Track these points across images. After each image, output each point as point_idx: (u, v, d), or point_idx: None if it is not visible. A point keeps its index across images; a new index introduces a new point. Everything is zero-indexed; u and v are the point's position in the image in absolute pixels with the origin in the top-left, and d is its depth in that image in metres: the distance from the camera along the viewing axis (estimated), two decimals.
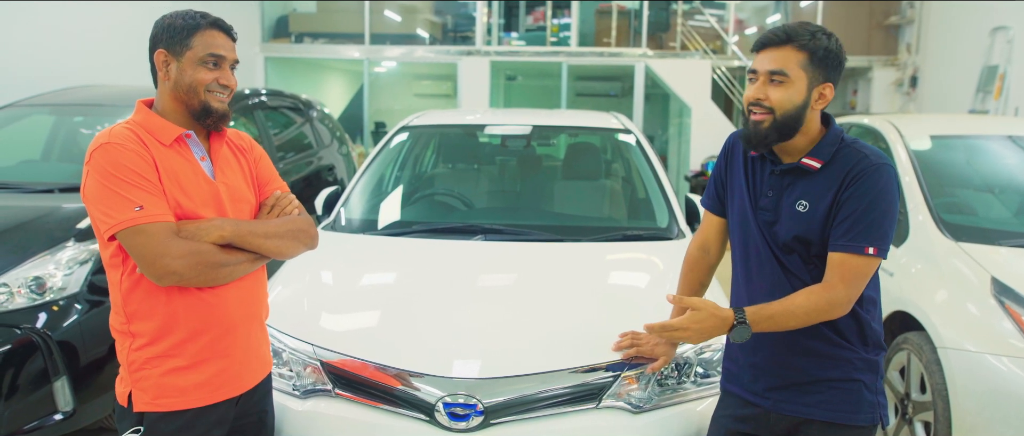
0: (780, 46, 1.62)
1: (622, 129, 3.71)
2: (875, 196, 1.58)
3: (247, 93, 5.02)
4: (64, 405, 2.76)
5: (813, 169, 1.65)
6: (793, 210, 1.67)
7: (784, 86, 1.61)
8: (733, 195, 1.81)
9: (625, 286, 2.60)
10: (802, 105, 1.62)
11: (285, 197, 1.81)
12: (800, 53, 1.60)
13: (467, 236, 2.84)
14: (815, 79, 1.62)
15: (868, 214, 1.58)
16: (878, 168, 1.60)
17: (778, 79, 1.61)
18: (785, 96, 1.61)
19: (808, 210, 1.65)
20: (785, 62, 1.61)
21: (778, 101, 1.61)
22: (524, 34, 11.48)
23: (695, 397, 2.09)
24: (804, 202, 1.65)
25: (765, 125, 1.63)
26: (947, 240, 3.10)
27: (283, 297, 2.42)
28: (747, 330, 1.63)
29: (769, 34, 1.65)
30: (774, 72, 1.61)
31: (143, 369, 1.62)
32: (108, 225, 1.51)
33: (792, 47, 1.60)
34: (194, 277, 1.56)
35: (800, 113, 1.62)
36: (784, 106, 1.61)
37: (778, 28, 1.64)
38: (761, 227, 1.72)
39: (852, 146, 1.65)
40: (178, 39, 1.62)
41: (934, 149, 3.74)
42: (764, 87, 1.63)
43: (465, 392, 1.94)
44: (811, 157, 1.66)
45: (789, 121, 1.62)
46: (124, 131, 1.59)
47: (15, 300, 2.74)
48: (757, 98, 1.63)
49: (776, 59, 1.61)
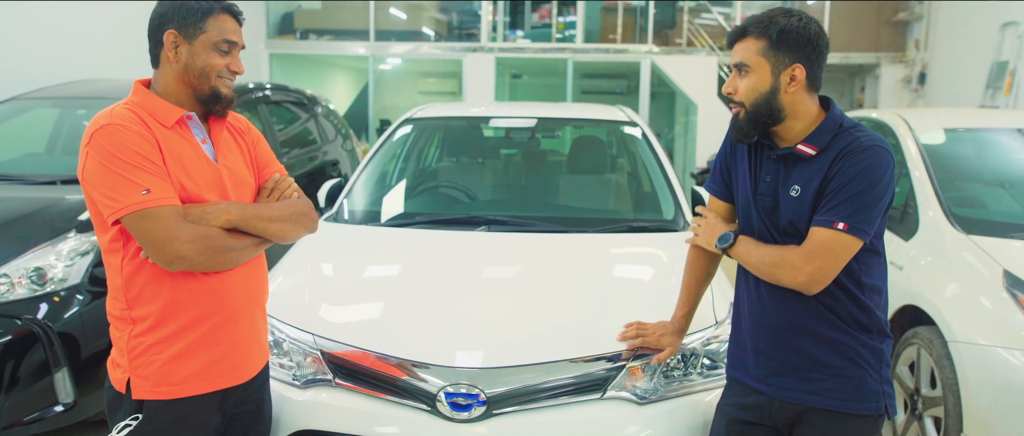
0: (740, 39, 1.66)
1: (628, 121, 3.67)
2: (857, 173, 1.57)
3: (251, 87, 5.00)
4: (65, 397, 2.74)
5: (808, 155, 1.64)
6: (788, 195, 1.66)
7: (747, 76, 1.65)
8: (737, 179, 1.81)
9: (630, 277, 2.57)
10: (770, 92, 1.63)
11: (284, 180, 1.79)
12: (757, 41, 1.63)
13: (470, 227, 2.81)
14: (779, 63, 1.62)
15: (845, 190, 1.57)
16: (867, 148, 1.59)
17: (743, 70, 1.65)
18: (748, 86, 1.65)
19: (799, 195, 1.64)
20: (744, 53, 1.64)
21: (744, 92, 1.65)
22: (529, 31, 11.45)
23: (702, 388, 2.06)
24: (797, 187, 1.65)
25: (740, 116, 1.67)
26: (958, 233, 3.05)
27: (285, 287, 2.40)
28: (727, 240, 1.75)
29: (731, 30, 1.71)
30: (738, 65, 1.66)
31: (144, 356, 1.59)
32: (113, 209, 1.48)
33: (749, 37, 1.64)
34: (203, 262, 1.54)
35: (769, 99, 1.63)
36: (750, 96, 1.65)
37: (740, 23, 1.69)
38: (761, 212, 1.72)
39: (850, 130, 1.63)
40: (192, 21, 1.58)
41: (943, 143, 3.70)
42: (734, 80, 1.67)
43: (467, 382, 1.91)
44: (806, 143, 1.65)
45: (761, 109, 1.64)
46: (125, 112, 1.55)
47: (16, 291, 2.73)
48: (728, 92, 1.68)
49: (737, 51, 1.66)
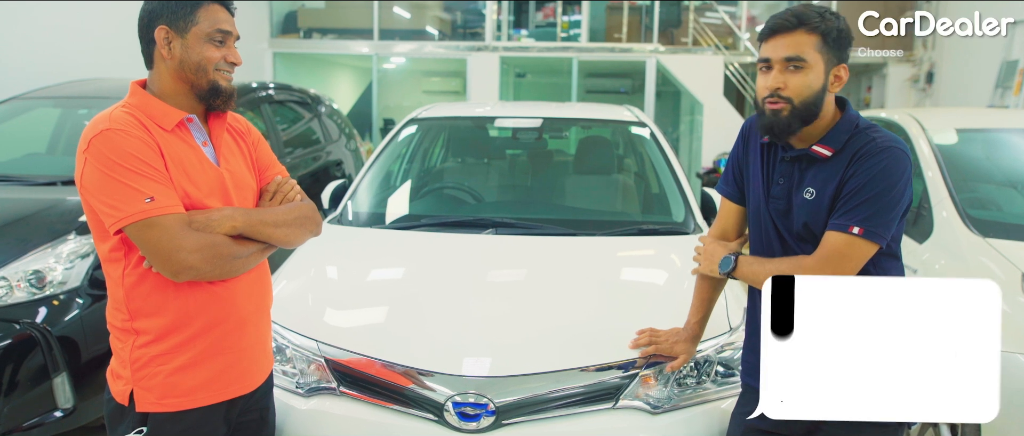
0: (792, 31, 1.55)
1: (636, 121, 3.62)
2: (873, 176, 1.52)
3: (255, 86, 4.96)
4: (64, 402, 2.70)
5: (824, 157, 1.59)
6: (802, 198, 1.61)
7: (803, 72, 1.55)
8: (749, 181, 1.76)
9: (642, 282, 2.52)
10: (821, 90, 1.57)
11: (287, 183, 1.74)
12: (813, 35, 1.55)
13: (477, 230, 2.76)
14: (830, 61, 1.57)
15: (861, 193, 1.53)
16: (883, 150, 1.54)
17: (796, 65, 1.55)
18: (804, 83, 1.55)
19: (814, 198, 1.59)
20: (800, 47, 1.54)
21: (797, 89, 1.55)
22: (534, 30, 11.39)
23: (716, 397, 2.01)
24: (811, 189, 1.60)
25: (784, 113, 1.57)
26: (974, 236, 3.00)
27: (288, 292, 2.35)
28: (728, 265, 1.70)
29: (778, 20, 1.57)
30: (791, 59, 1.55)
31: (148, 368, 1.53)
32: (115, 218, 1.42)
33: (804, 30, 1.54)
34: (210, 271, 1.49)
35: (819, 99, 1.57)
36: (803, 94, 1.55)
37: (784, 12, 1.57)
38: (773, 216, 1.67)
39: (866, 131, 1.59)
40: (182, 14, 1.52)
41: (955, 143, 3.64)
42: (781, 75, 1.56)
43: (475, 391, 1.86)
44: (822, 144, 1.60)
45: (809, 108, 1.56)
46: (124, 116, 1.49)
47: (14, 294, 2.69)
48: (776, 87, 1.56)
49: (790, 45, 1.55)
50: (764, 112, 1.60)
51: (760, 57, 1.61)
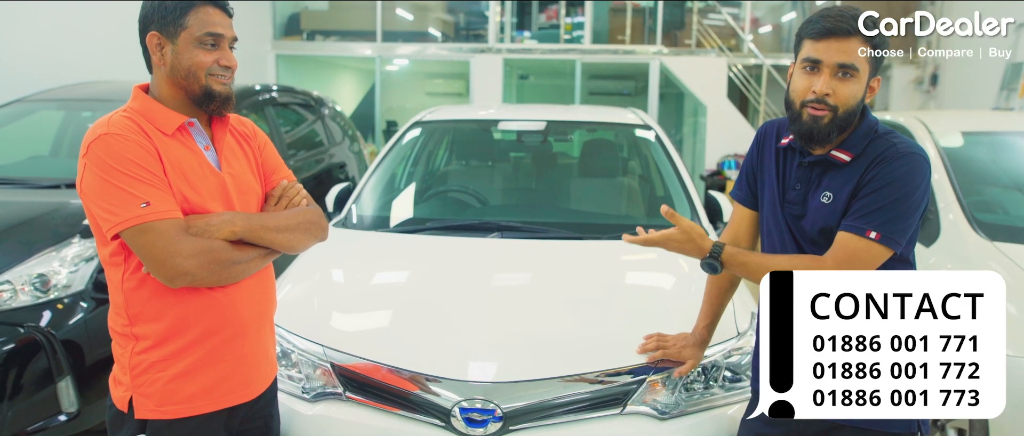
0: (849, 36, 1.48)
1: (642, 124, 3.61)
2: (891, 181, 1.50)
3: (258, 89, 4.95)
4: (68, 406, 2.69)
5: (842, 162, 1.57)
6: (818, 202, 1.59)
7: (853, 81, 1.50)
8: (763, 186, 1.73)
9: (649, 286, 2.51)
10: (862, 100, 1.53)
11: (293, 187, 1.71)
12: (866, 45, 1.49)
13: (482, 233, 2.75)
14: (872, 72, 1.53)
15: (879, 198, 1.50)
16: (903, 155, 1.51)
17: (848, 73, 1.49)
18: (851, 92, 1.51)
19: (831, 202, 1.57)
20: (854, 54, 1.48)
21: (844, 97, 1.50)
22: (537, 32, 11.40)
23: (723, 402, 2.00)
24: (829, 193, 1.58)
25: (826, 121, 1.51)
26: (981, 239, 2.98)
27: (293, 296, 2.34)
28: (716, 267, 1.62)
29: (834, 20, 1.49)
30: (844, 66, 1.49)
31: (147, 374, 1.52)
32: (112, 223, 1.41)
33: (860, 38, 1.48)
34: (206, 277, 1.47)
35: (859, 109, 1.54)
36: (849, 103, 1.51)
37: (841, 14, 1.49)
38: (788, 221, 1.65)
39: (885, 136, 1.56)
40: (171, 19, 1.49)
41: (961, 146, 3.63)
42: (831, 81, 1.50)
43: (482, 396, 1.85)
44: (841, 150, 1.57)
45: (850, 118, 1.53)
46: (123, 120, 1.48)
47: (18, 298, 2.68)
48: (825, 93, 1.50)
49: (845, 51, 1.48)
50: (801, 116, 1.54)
51: (807, 56, 1.52)
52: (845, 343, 1.42)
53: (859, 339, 1.42)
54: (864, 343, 1.42)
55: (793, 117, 1.57)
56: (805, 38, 1.54)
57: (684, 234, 1.63)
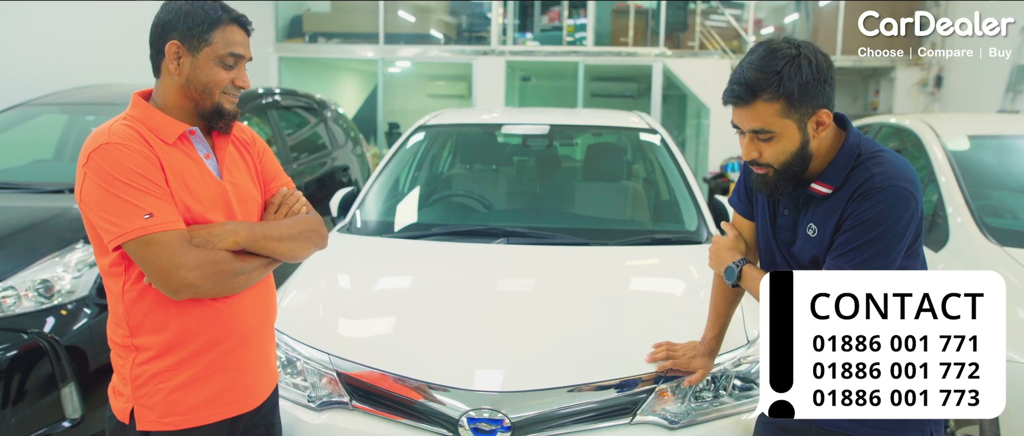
0: (750, 103, 1.45)
1: (647, 128, 3.59)
2: (870, 217, 1.45)
3: (260, 92, 4.94)
4: (72, 412, 2.67)
5: (822, 195, 1.53)
6: (805, 234, 1.57)
7: (773, 142, 1.47)
8: (756, 205, 1.72)
9: (657, 293, 2.49)
10: (801, 146, 1.48)
11: (292, 195, 1.70)
12: (773, 103, 1.43)
13: (488, 239, 2.72)
14: (804, 117, 1.46)
15: (859, 234, 1.46)
16: (881, 190, 1.46)
17: (764, 137, 1.47)
18: (778, 150, 1.48)
19: (817, 235, 1.55)
20: (762, 119, 1.45)
21: (772, 156, 1.49)
22: (539, 34, 11.38)
23: (733, 411, 1.98)
24: (813, 226, 1.55)
25: (771, 176, 1.52)
26: (991, 244, 2.96)
27: (297, 302, 2.32)
28: (731, 275, 1.67)
29: (731, 90, 1.47)
30: (756, 132, 1.47)
31: (148, 385, 1.50)
32: (114, 235, 1.39)
33: (762, 100, 1.44)
34: (210, 288, 1.45)
35: (802, 154, 1.49)
36: (780, 158, 1.49)
37: (737, 79, 1.46)
38: (780, 247, 1.64)
39: (867, 163, 1.50)
40: (197, 32, 1.48)
41: (968, 149, 3.61)
42: (754, 145, 1.50)
43: (490, 406, 1.83)
44: (821, 182, 1.53)
45: (793, 166, 1.50)
46: (124, 129, 1.46)
47: (22, 304, 2.66)
48: (752, 158, 1.51)
49: (752, 117, 1.46)
50: (753, 173, 1.57)
51: (732, 121, 1.52)
52: (845, 343, 1.41)
53: (859, 339, 1.41)
54: (864, 343, 1.41)
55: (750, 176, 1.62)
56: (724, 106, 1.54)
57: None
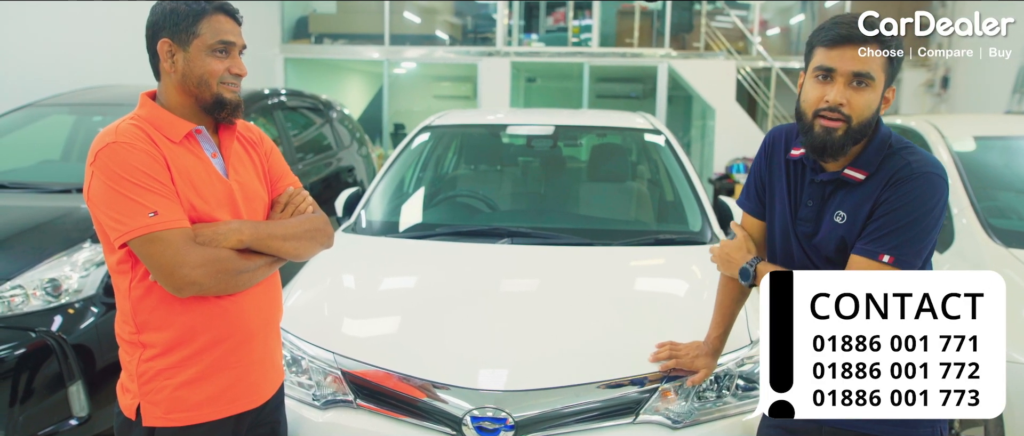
0: (865, 43, 1.42)
1: (651, 129, 3.59)
2: (906, 203, 1.46)
3: (266, 93, 4.96)
4: (79, 410, 2.69)
5: (857, 181, 1.52)
6: (833, 222, 1.55)
7: (869, 90, 1.44)
8: (773, 199, 1.69)
9: (661, 294, 2.49)
10: (877, 111, 1.48)
11: (299, 194, 1.71)
12: (882, 53, 1.43)
13: (492, 239, 2.73)
14: (887, 82, 1.48)
15: (893, 220, 1.46)
16: (918, 175, 1.46)
17: (863, 83, 1.44)
18: (866, 102, 1.45)
19: (845, 222, 1.53)
20: (871, 63, 1.42)
21: (859, 108, 1.44)
22: (544, 35, 11.39)
23: (736, 411, 1.98)
24: (842, 213, 1.54)
25: (839, 133, 1.46)
26: (996, 246, 2.95)
27: (302, 302, 2.33)
28: (747, 276, 1.65)
29: (849, 26, 1.44)
30: (860, 75, 1.43)
31: (154, 381, 1.52)
32: (119, 232, 1.41)
33: (877, 45, 1.42)
34: (214, 286, 1.47)
35: (874, 120, 1.48)
36: (864, 114, 1.45)
37: (855, 20, 1.44)
38: (800, 238, 1.61)
39: (900, 152, 1.51)
40: (183, 26, 1.50)
41: (974, 150, 3.60)
42: (846, 90, 1.44)
43: (494, 405, 1.84)
44: (854, 167, 1.52)
45: (865, 129, 1.47)
46: (131, 128, 1.48)
47: (30, 302, 2.68)
48: (838, 103, 1.44)
49: (861, 60, 1.42)
50: (813, 127, 1.48)
51: (820, 64, 1.46)
52: (845, 343, 1.42)
53: (859, 339, 1.42)
54: (864, 343, 1.41)
55: (804, 128, 1.52)
56: (817, 45, 1.48)
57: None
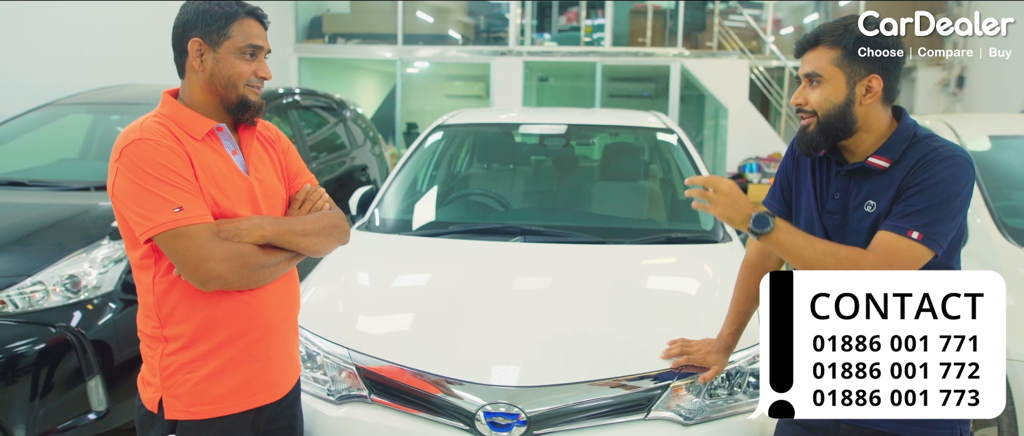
0: (812, 48, 1.60)
1: (663, 128, 3.60)
2: (935, 183, 1.50)
3: (281, 92, 5.00)
4: (98, 405, 2.73)
5: (881, 169, 1.57)
6: (862, 212, 1.59)
7: (820, 87, 1.58)
8: (800, 196, 1.73)
9: (673, 292, 2.50)
10: (844, 103, 1.57)
11: (316, 191, 1.74)
12: (831, 50, 1.57)
13: (505, 237, 2.75)
14: (855, 74, 1.56)
15: (923, 200, 1.50)
16: (946, 159, 1.52)
17: (815, 80, 1.59)
18: (821, 96, 1.58)
19: (876, 210, 1.57)
20: (817, 63, 1.58)
21: (817, 103, 1.59)
22: (557, 35, 11.40)
23: (747, 408, 1.98)
24: (872, 202, 1.58)
25: (811, 128, 1.61)
26: (1011, 245, 2.94)
27: (318, 298, 2.36)
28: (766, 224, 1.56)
29: (801, 38, 1.63)
30: (810, 75, 1.60)
31: (177, 375, 1.55)
32: (145, 227, 1.44)
33: (823, 46, 1.58)
34: (237, 281, 1.50)
35: (844, 111, 1.57)
36: (823, 107, 1.58)
37: (815, 30, 1.62)
38: (828, 231, 1.64)
39: (926, 140, 1.57)
40: (216, 28, 1.54)
41: (989, 150, 3.58)
42: (804, 91, 1.62)
43: (506, 400, 1.85)
44: (878, 156, 1.58)
45: (834, 121, 1.58)
46: (155, 125, 1.51)
47: (50, 298, 2.73)
48: (797, 103, 1.63)
49: (808, 61, 1.60)
50: (797, 134, 1.67)
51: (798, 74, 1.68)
52: (845, 343, 1.42)
53: (859, 339, 1.42)
54: (864, 343, 1.42)
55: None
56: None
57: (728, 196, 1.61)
